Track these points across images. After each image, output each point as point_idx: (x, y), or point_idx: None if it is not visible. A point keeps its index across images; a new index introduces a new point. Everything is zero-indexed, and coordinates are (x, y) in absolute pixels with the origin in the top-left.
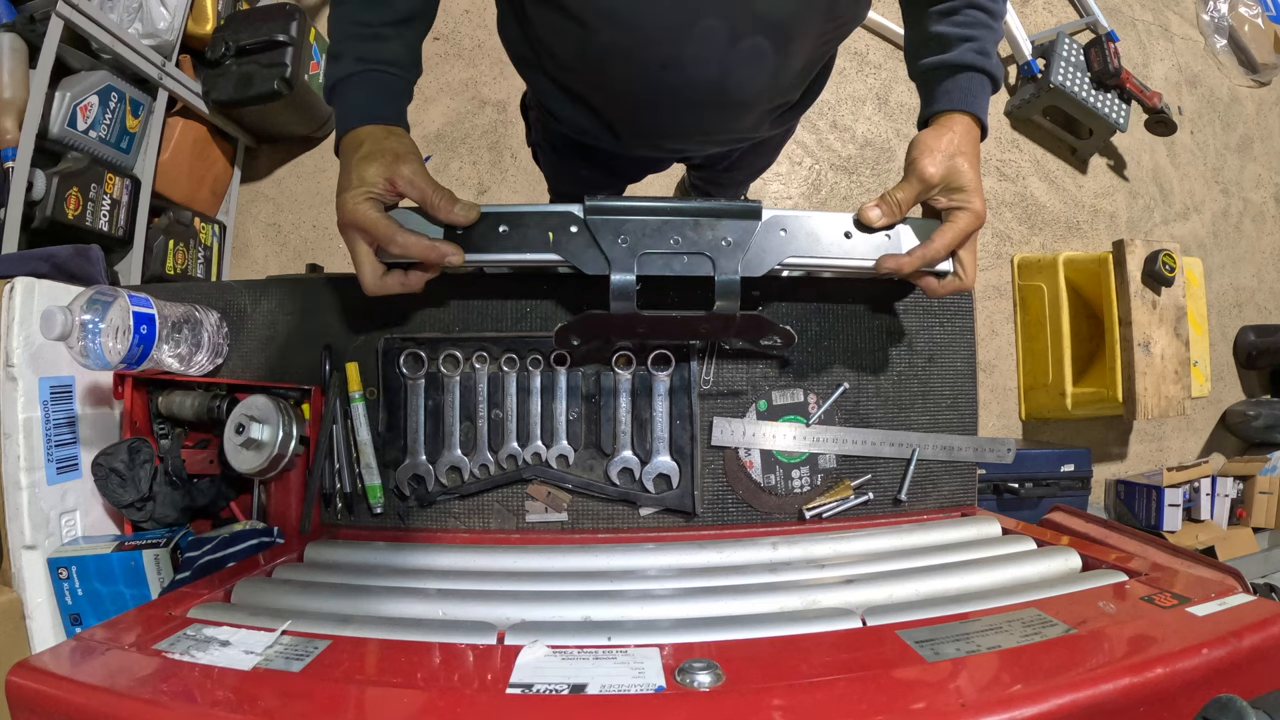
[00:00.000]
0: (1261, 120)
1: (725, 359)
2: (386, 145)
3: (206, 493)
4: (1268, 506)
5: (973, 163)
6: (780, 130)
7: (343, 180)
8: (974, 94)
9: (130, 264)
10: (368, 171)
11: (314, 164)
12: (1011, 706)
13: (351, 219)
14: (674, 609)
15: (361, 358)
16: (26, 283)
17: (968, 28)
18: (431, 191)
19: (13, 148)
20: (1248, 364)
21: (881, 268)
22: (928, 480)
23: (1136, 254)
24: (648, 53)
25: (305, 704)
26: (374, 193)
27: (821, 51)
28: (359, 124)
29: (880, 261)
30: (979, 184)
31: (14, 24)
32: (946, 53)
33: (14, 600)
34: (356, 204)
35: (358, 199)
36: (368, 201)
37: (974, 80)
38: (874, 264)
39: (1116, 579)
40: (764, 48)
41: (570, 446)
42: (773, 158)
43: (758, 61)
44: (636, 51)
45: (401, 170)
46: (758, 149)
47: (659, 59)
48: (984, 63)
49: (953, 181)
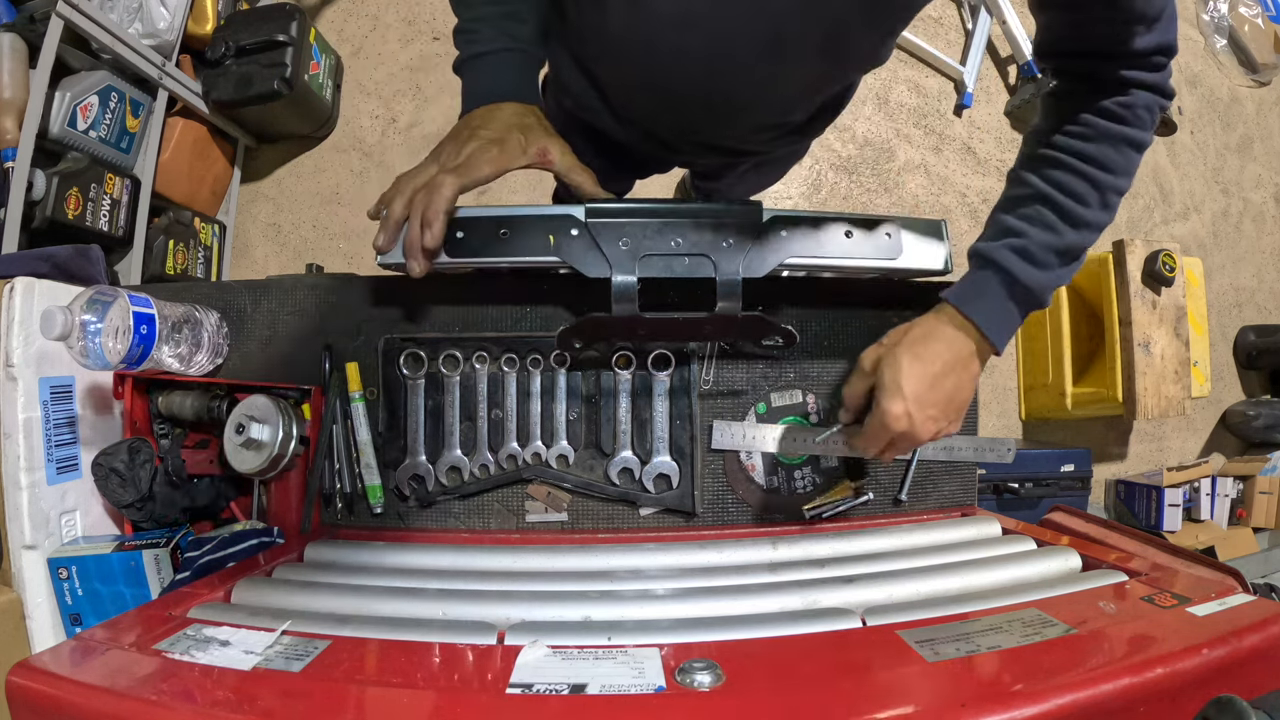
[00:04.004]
0: (1261, 120)
1: (724, 359)
2: (544, 123)
3: (206, 493)
4: (1268, 506)
5: (913, 360)
6: (786, 150)
7: (487, 132)
8: (980, 294)
9: (130, 264)
10: (527, 137)
11: (314, 164)
12: (1011, 706)
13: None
14: (674, 609)
15: (361, 358)
16: (26, 283)
17: (1025, 221)
18: (577, 168)
19: (13, 148)
20: (1248, 364)
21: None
22: (928, 480)
23: (1136, 254)
24: (652, 38)
25: (305, 704)
26: (523, 155)
27: (824, 82)
28: (503, 99)
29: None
30: (902, 386)
31: (14, 24)
32: (984, 240)
33: (14, 600)
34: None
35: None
36: (504, 156)
37: (989, 281)
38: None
39: (1116, 579)
40: (749, 61)
41: (570, 446)
42: (776, 178)
43: (745, 74)
44: (642, 34)
45: (555, 143)
46: (762, 168)
47: (661, 46)
48: (1012, 264)
49: (879, 377)
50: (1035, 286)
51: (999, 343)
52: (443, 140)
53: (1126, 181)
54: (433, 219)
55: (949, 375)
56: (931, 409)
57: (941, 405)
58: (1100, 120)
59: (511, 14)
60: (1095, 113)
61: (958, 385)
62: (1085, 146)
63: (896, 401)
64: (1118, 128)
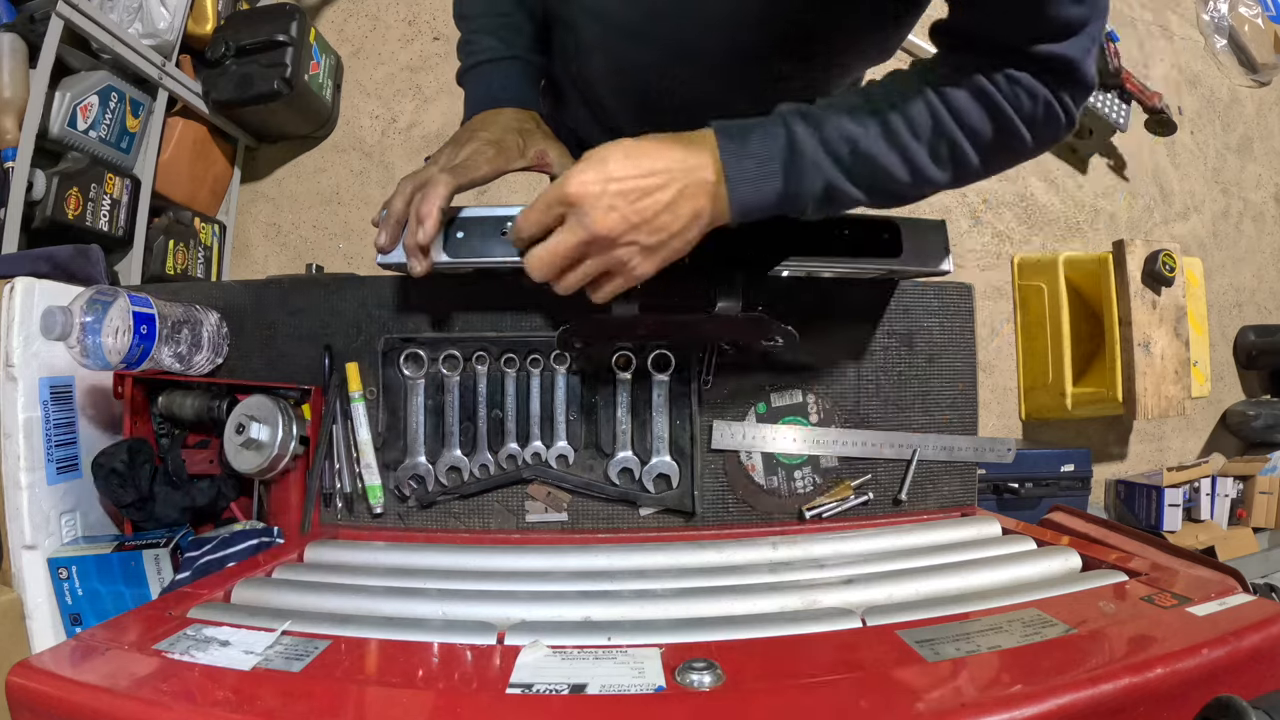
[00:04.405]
0: (1261, 120)
1: (724, 359)
2: (543, 127)
3: (206, 493)
4: (1268, 506)
5: (635, 148)
6: None
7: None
8: (746, 136)
9: (130, 264)
10: (525, 140)
11: (314, 164)
12: (1011, 706)
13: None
14: (674, 609)
15: (361, 358)
16: (26, 283)
17: (840, 110)
18: None
19: (13, 148)
20: (1248, 364)
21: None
22: (928, 480)
23: (1136, 254)
24: (612, 49)
25: (305, 704)
26: (521, 157)
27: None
28: (503, 104)
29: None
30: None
31: (14, 24)
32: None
33: (14, 600)
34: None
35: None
36: (501, 158)
37: (765, 131)
38: None
39: (1116, 579)
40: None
41: (570, 446)
42: None
43: (697, 82)
44: (608, 45)
45: (554, 147)
46: None
47: (622, 55)
48: (798, 128)
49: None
50: (809, 163)
51: (735, 199)
52: (444, 144)
53: (973, 151)
54: (425, 216)
55: (664, 190)
56: (622, 200)
57: (634, 204)
58: (979, 76)
59: (510, 24)
60: (975, 69)
61: (668, 206)
62: (949, 89)
63: (590, 170)
64: (991, 89)
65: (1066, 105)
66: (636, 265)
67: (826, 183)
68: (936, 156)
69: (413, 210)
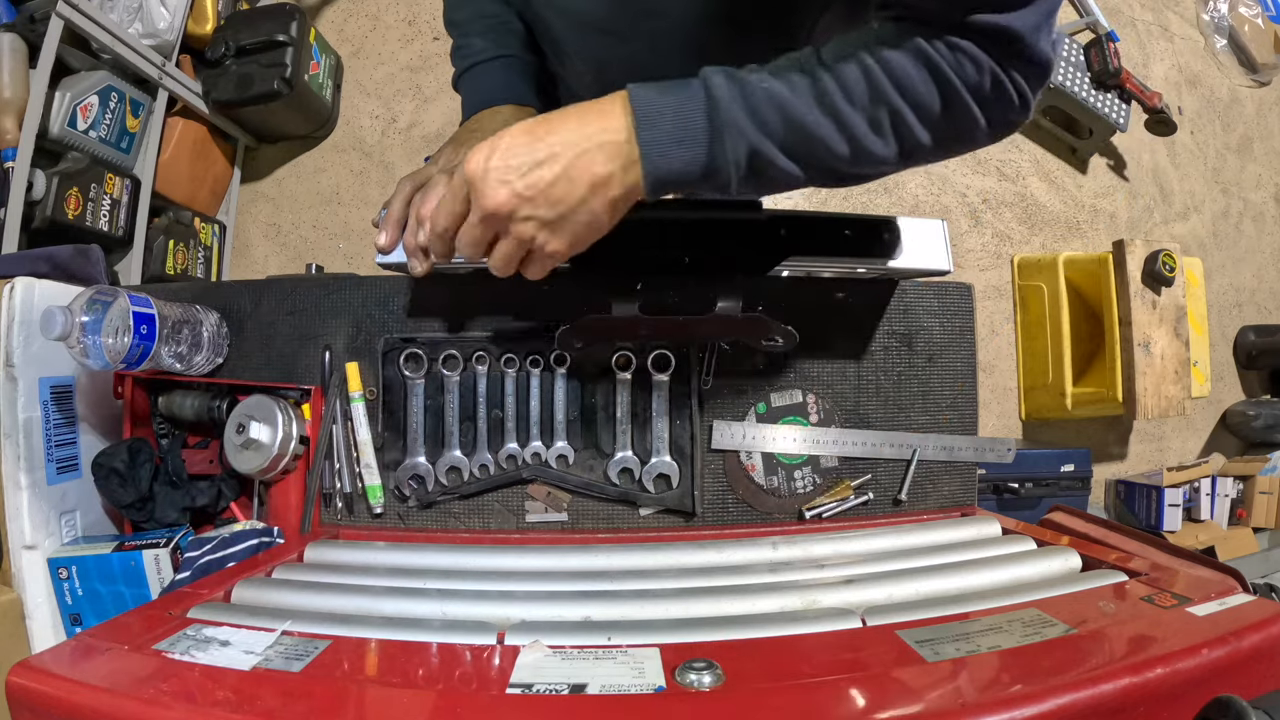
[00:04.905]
0: (1261, 120)
1: (724, 359)
2: None
3: (206, 493)
4: (1268, 506)
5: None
6: None
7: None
8: (664, 93)
9: (130, 264)
10: None
11: (314, 164)
12: (1011, 706)
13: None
14: (674, 609)
15: (361, 358)
16: (26, 283)
17: (770, 71)
18: None
19: (13, 148)
20: (1248, 364)
21: None
22: (928, 480)
23: (1136, 254)
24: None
25: (305, 704)
26: None
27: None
28: (501, 102)
29: None
30: (501, 137)
31: (14, 24)
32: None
33: (14, 600)
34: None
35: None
36: None
37: (684, 89)
38: None
39: (1116, 579)
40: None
41: (570, 446)
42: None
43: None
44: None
45: None
46: None
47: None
48: (718, 87)
49: None
50: (728, 123)
51: (647, 158)
52: (444, 144)
53: (919, 124)
54: (425, 216)
55: (557, 160)
56: (513, 174)
57: (525, 177)
58: (918, 39)
59: (500, 25)
60: (914, 34)
61: (563, 175)
62: (885, 50)
63: (484, 147)
64: (931, 51)
65: (1018, 83)
66: (545, 241)
67: (751, 148)
68: (877, 126)
69: (413, 210)
